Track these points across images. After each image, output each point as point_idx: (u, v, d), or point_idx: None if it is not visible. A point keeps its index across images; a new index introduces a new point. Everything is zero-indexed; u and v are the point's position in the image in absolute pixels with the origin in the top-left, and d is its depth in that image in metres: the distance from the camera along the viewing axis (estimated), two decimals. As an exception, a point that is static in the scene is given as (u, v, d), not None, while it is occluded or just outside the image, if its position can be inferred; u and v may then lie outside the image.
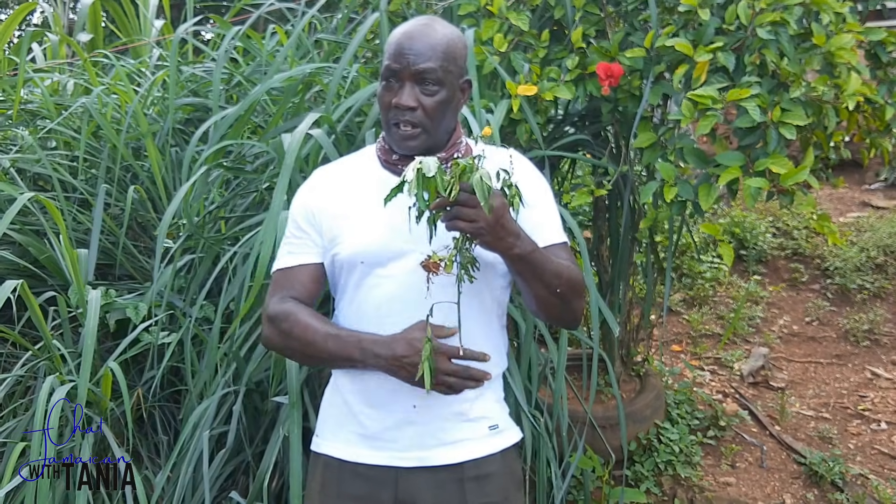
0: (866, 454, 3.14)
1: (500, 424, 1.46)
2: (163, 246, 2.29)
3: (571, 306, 1.40)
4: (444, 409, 1.39)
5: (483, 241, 1.22)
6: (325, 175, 1.51)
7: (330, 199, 1.44)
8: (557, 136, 2.57)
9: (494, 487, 1.42)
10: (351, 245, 1.39)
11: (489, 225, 1.19)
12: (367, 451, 1.41)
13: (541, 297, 1.35)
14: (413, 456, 1.39)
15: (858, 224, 5.04)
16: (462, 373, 1.31)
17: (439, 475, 1.39)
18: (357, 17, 2.85)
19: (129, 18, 4.19)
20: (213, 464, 1.98)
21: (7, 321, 2.33)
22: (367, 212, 1.39)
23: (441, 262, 1.23)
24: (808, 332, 4.20)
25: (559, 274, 1.33)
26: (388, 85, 1.37)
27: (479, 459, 1.41)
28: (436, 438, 1.39)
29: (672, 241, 2.63)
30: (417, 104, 1.35)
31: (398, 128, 1.36)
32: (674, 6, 2.17)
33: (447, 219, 1.19)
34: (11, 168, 2.80)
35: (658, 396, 3.03)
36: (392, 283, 1.37)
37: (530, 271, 1.30)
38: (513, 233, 1.24)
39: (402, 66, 1.35)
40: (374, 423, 1.40)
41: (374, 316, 1.37)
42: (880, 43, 2.12)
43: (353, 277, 1.40)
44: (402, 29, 1.40)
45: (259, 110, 2.69)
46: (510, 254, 1.25)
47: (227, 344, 2.12)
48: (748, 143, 1.96)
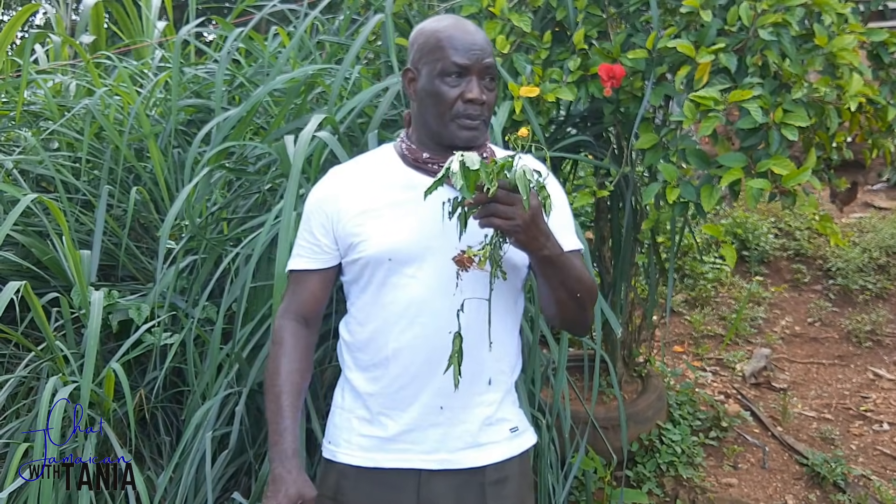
0: (868, 455, 3.14)
1: (519, 427, 1.46)
2: (165, 247, 2.29)
3: (586, 314, 1.40)
4: (470, 412, 1.38)
5: (517, 240, 1.21)
6: (343, 174, 1.48)
7: (351, 198, 1.42)
8: (559, 137, 2.57)
9: (512, 490, 1.42)
10: (378, 242, 1.37)
11: (525, 223, 1.18)
12: (389, 456, 1.39)
13: (561, 301, 1.35)
14: (438, 458, 1.38)
15: (861, 225, 5.04)
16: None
17: (462, 479, 1.38)
18: (359, 18, 2.85)
19: (132, 20, 4.19)
20: (216, 465, 1.98)
21: (10, 322, 2.34)
22: (395, 209, 1.38)
23: (475, 258, 1.21)
24: (810, 333, 4.20)
25: (581, 279, 1.34)
26: (450, 80, 1.36)
27: (501, 463, 1.41)
28: (461, 441, 1.38)
29: (674, 241, 2.63)
30: (485, 99, 1.36)
31: (466, 120, 1.36)
32: (676, 7, 2.17)
33: (483, 215, 1.18)
34: (14, 169, 2.80)
35: (660, 397, 3.03)
36: (419, 284, 1.35)
37: (556, 275, 1.30)
38: (545, 233, 1.24)
39: (471, 60, 1.35)
40: (397, 425, 1.38)
41: (403, 316, 1.36)
42: (882, 44, 2.11)
43: (378, 275, 1.38)
44: (448, 24, 1.39)
45: (261, 112, 2.69)
46: (541, 255, 1.25)
47: (230, 345, 2.12)
48: (750, 145, 1.96)
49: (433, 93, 1.37)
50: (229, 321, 2.18)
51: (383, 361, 1.39)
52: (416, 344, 1.35)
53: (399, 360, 1.37)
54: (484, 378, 1.40)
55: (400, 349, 1.37)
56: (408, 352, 1.36)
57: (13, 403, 2.24)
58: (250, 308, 2.11)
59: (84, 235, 2.65)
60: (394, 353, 1.37)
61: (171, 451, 2.25)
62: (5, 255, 2.46)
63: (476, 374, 1.39)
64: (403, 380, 1.37)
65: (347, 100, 2.25)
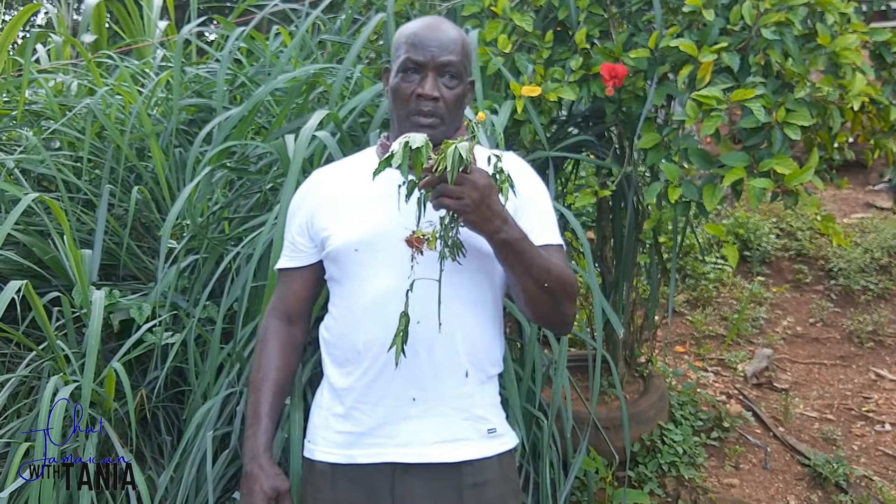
0: (870, 456, 3.13)
1: (497, 429, 1.44)
2: (166, 246, 2.29)
3: (561, 309, 1.37)
4: (443, 405, 1.37)
5: (468, 220, 1.20)
6: (322, 175, 1.53)
7: (324, 196, 1.46)
8: (561, 136, 2.57)
9: (492, 494, 1.39)
10: (344, 234, 1.38)
11: (474, 202, 1.17)
12: (363, 451, 1.38)
13: (528, 290, 1.32)
14: (412, 452, 1.36)
15: (863, 225, 5.03)
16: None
17: (438, 481, 1.36)
18: (361, 18, 2.85)
19: (133, 19, 4.19)
20: (217, 464, 1.97)
21: (11, 321, 2.34)
22: (362, 201, 1.40)
23: (425, 238, 1.20)
24: (811, 334, 4.19)
25: (548, 269, 1.31)
26: (408, 76, 1.37)
27: (477, 463, 1.38)
28: (436, 434, 1.37)
29: (676, 241, 2.63)
30: (440, 95, 1.36)
31: (418, 118, 1.36)
32: (678, 7, 2.16)
33: (434, 196, 1.18)
34: (16, 169, 2.80)
35: (662, 397, 3.03)
36: (386, 274, 1.34)
37: (518, 261, 1.28)
38: (499, 215, 1.22)
39: (426, 57, 1.36)
40: (370, 419, 1.37)
41: (372, 307, 1.36)
42: (885, 43, 2.11)
43: (347, 268, 1.39)
44: (418, 24, 1.41)
45: (263, 111, 2.69)
46: (496, 238, 1.24)
47: (231, 344, 2.12)
48: (752, 144, 1.96)
49: (393, 89, 1.40)
50: (230, 321, 2.18)
51: (355, 355, 1.39)
52: (384, 335, 1.32)
53: (369, 352, 1.37)
54: (459, 370, 1.38)
55: (369, 341, 1.36)
56: (377, 343, 1.35)
57: (14, 403, 2.24)
58: (251, 307, 2.10)
59: (85, 235, 2.65)
60: (364, 345, 1.37)
61: (172, 451, 2.25)
62: (6, 254, 2.46)
63: (449, 364, 1.37)
64: (373, 372, 1.36)
65: (349, 99, 2.25)
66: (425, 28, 1.39)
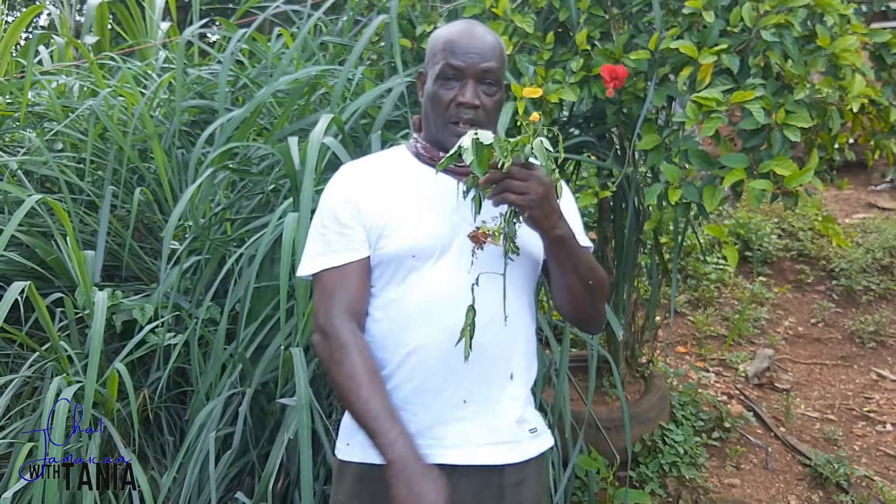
0: (871, 456, 3.14)
1: (538, 428, 1.45)
2: (169, 247, 2.30)
3: (598, 306, 1.40)
4: (494, 407, 1.36)
5: (531, 216, 1.21)
6: (360, 170, 1.45)
7: (372, 192, 1.39)
8: (562, 137, 2.57)
9: (529, 493, 1.40)
10: (401, 239, 1.34)
11: (539, 198, 1.19)
12: None
13: (574, 288, 1.34)
14: (461, 454, 1.34)
15: (864, 225, 5.03)
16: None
17: (481, 480, 1.35)
18: (362, 19, 2.86)
19: (136, 21, 4.21)
20: (219, 465, 1.98)
21: (14, 322, 2.35)
22: (416, 205, 1.36)
23: (489, 233, 1.23)
24: (813, 334, 4.19)
25: (593, 267, 1.34)
26: (447, 83, 1.36)
27: (520, 463, 1.38)
28: (484, 436, 1.36)
29: (677, 242, 2.63)
30: (480, 104, 1.35)
31: (458, 125, 1.36)
32: (678, 8, 2.17)
33: (497, 191, 1.19)
34: (19, 170, 2.81)
35: (663, 398, 3.03)
36: (441, 278, 1.33)
37: (568, 258, 1.30)
38: (557, 212, 1.24)
39: (466, 64, 1.35)
40: (418, 420, 1.33)
41: (425, 310, 1.33)
42: (885, 44, 2.11)
43: (400, 272, 1.35)
44: (456, 28, 1.39)
45: (265, 112, 2.70)
46: (553, 234, 1.25)
47: (233, 345, 2.13)
48: (753, 145, 1.96)
49: (432, 96, 1.39)
50: (233, 321, 2.18)
51: (404, 357, 1.35)
52: (438, 338, 1.32)
53: (420, 354, 1.34)
54: (506, 372, 1.38)
55: (422, 343, 1.33)
56: (430, 346, 1.33)
57: (17, 403, 2.25)
58: (254, 308, 2.11)
59: (88, 236, 2.66)
60: (416, 347, 1.34)
61: (175, 451, 2.26)
62: (10, 255, 2.47)
63: (498, 366, 1.37)
64: (424, 374, 1.33)
65: (351, 101, 2.25)
66: (464, 34, 1.37)
